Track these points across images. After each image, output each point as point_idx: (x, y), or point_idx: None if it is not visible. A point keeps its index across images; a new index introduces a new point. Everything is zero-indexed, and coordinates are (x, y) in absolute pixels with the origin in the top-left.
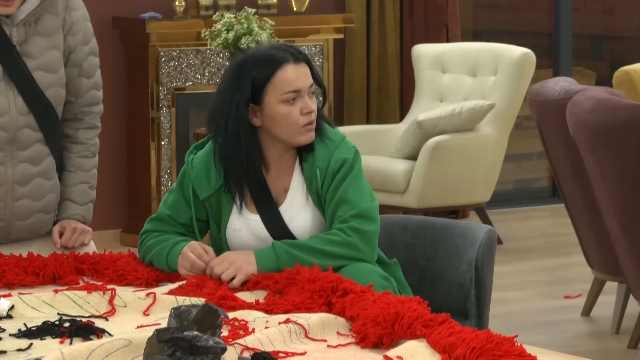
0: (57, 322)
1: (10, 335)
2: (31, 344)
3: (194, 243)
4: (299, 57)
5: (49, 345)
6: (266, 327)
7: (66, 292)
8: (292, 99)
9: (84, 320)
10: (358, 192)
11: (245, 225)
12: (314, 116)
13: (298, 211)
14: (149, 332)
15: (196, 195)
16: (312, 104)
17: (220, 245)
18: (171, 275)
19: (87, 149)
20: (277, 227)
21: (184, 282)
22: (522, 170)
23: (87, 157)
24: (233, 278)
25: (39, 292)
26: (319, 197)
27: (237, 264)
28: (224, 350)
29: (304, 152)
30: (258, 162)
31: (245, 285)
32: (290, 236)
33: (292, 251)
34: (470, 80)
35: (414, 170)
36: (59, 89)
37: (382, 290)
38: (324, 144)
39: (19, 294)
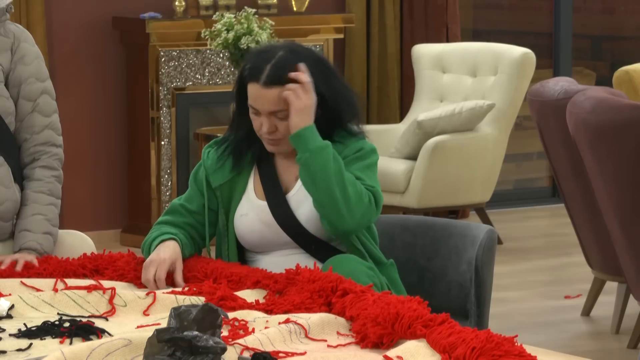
0: (57, 322)
1: (10, 335)
2: (31, 344)
3: (164, 258)
4: (272, 82)
5: (49, 345)
6: (266, 327)
7: (66, 291)
8: (253, 112)
9: (84, 320)
10: (370, 177)
11: (252, 211)
12: (272, 136)
13: (306, 199)
14: (149, 332)
15: (209, 184)
16: (268, 126)
17: (226, 238)
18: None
19: (43, 185)
20: (283, 213)
21: (185, 288)
22: (522, 170)
23: (43, 193)
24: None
25: (39, 285)
26: None
27: (302, 103)
28: (224, 350)
29: None
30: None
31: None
32: (297, 223)
33: (329, 154)
34: (470, 80)
35: (414, 170)
36: (4, 99)
37: (367, 279)
38: (342, 138)
39: (21, 282)
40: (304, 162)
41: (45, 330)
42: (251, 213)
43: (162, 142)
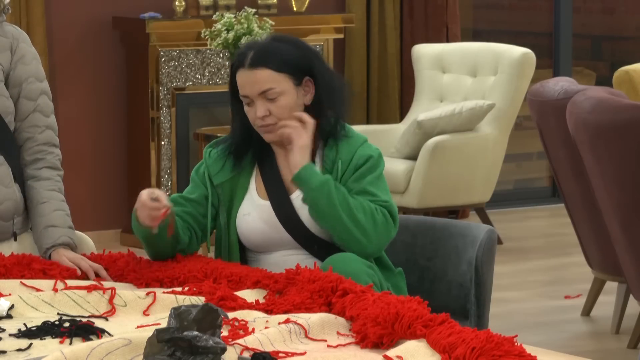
0: (57, 322)
1: (10, 335)
2: (31, 344)
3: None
4: (256, 62)
5: (49, 345)
6: (266, 327)
7: (66, 291)
8: (246, 103)
9: (84, 320)
10: (381, 191)
11: (255, 210)
12: (267, 121)
13: None
14: (149, 332)
15: (211, 181)
16: (262, 110)
17: (227, 237)
18: (171, 275)
19: (54, 184)
20: (286, 213)
21: (185, 288)
22: (522, 170)
23: (55, 191)
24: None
25: (39, 285)
26: None
27: (303, 141)
28: (224, 350)
29: (326, 147)
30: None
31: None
32: (300, 223)
33: (331, 187)
34: (470, 80)
35: (414, 170)
36: (4, 98)
37: (367, 278)
38: (347, 140)
39: (21, 283)
40: (310, 201)
41: (45, 330)
42: (254, 212)
43: (162, 142)
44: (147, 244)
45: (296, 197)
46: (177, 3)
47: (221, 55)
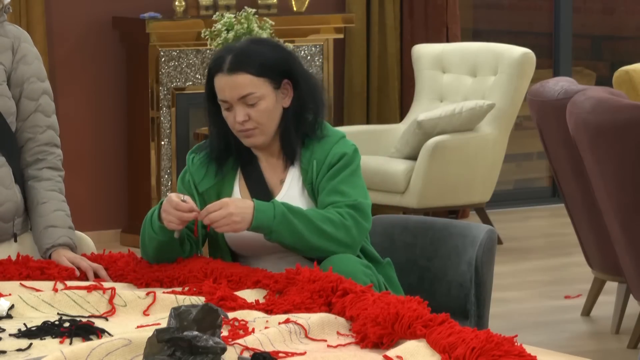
0: (57, 322)
1: (10, 335)
2: (31, 344)
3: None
4: (235, 67)
5: (49, 345)
6: (266, 327)
7: (66, 291)
8: (225, 108)
9: (84, 320)
10: (353, 187)
11: None
12: (246, 125)
13: (294, 201)
14: (149, 332)
15: (197, 189)
16: (241, 115)
17: (217, 244)
18: (171, 275)
19: (54, 184)
20: None
21: (185, 288)
22: (522, 170)
23: (55, 191)
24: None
25: (39, 285)
26: (313, 188)
27: (232, 218)
28: (224, 350)
29: (303, 147)
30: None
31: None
32: None
33: (289, 217)
34: (470, 80)
35: (414, 170)
36: (6, 99)
37: (364, 279)
38: (322, 140)
39: (20, 284)
40: (275, 239)
41: (45, 330)
42: None
43: (162, 142)
44: (158, 249)
45: (281, 199)
46: (177, 3)
47: None
